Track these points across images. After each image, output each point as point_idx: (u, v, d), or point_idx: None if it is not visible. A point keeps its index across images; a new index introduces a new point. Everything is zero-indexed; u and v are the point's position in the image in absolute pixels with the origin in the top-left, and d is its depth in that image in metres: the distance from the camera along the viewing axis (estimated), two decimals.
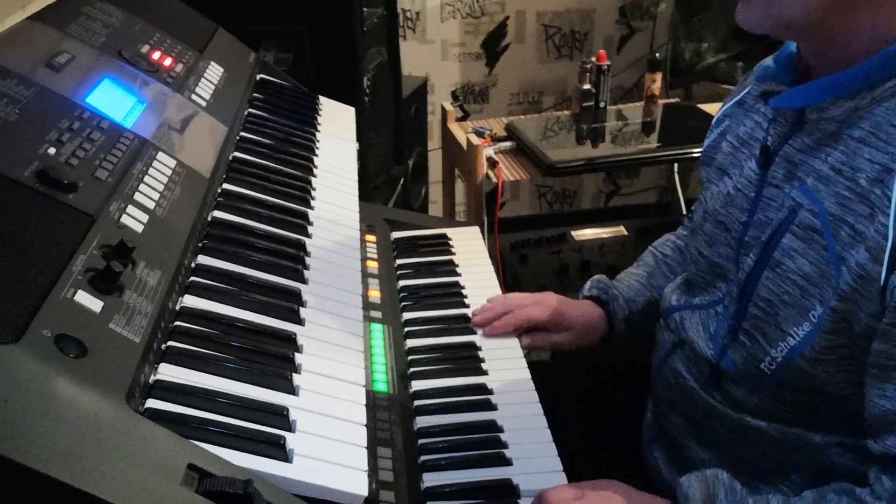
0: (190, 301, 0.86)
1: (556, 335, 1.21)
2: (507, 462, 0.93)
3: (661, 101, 2.40)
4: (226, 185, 1.08)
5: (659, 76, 2.37)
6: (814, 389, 0.90)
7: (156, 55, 1.19)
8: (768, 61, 0.98)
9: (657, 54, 2.48)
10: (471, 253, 1.35)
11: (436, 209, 2.80)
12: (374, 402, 0.96)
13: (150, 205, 0.89)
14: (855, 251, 0.81)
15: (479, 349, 1.12)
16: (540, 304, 1.21)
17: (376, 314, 1.13)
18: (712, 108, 2.34)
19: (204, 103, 1.18)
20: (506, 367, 1.10)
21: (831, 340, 0.85)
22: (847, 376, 0.86)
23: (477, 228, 1.45)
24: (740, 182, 1.00)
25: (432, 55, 2.93)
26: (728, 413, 0.99)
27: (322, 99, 1.49)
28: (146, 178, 0.92)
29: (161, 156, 0.98)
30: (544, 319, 1.20)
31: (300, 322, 0.92)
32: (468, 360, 1.10)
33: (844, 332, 0.84)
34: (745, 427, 0.97)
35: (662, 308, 1.14)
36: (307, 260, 1.03)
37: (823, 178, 0.87)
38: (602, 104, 2.28)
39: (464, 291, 1.24)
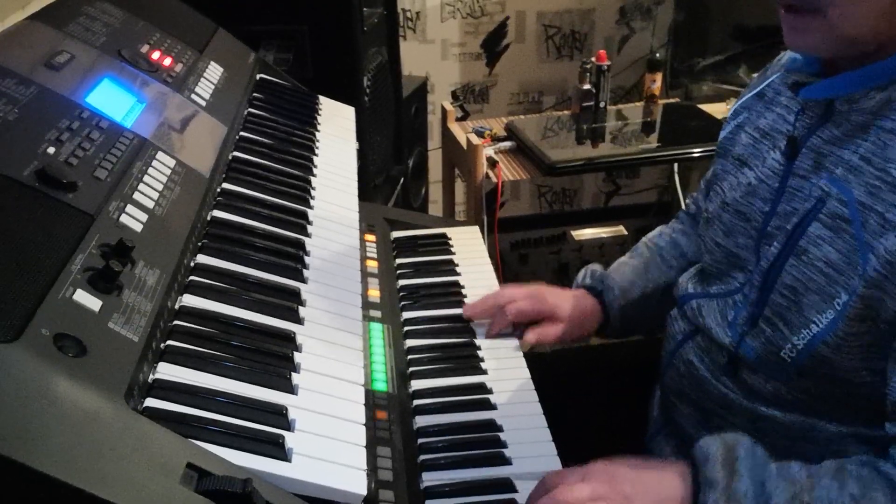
0: (189, 300, 0.86)
1: (551, 328, 1.19)
2: (506, 461, 0.93)
3: (661, 102, 2.40)
4: (225, 185, 1.08)
5: (659, 76, 2.37)
6: (834, 377, 0.90)
7: (155, 55, 1.19)
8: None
9: (657, 54, 2.48)
10: (470, 252, 1.35)
11: (436, 209, 2.80)
12: (373, 402, 0.96)
13: (150, 204, 0.89)
14: (884, 239, 0.82)
15: (479, 348, 1.12)
16: (531, 297, 1.19)
17: (376, 313, 1.13)
18: (712, 109, 2.34)
19: (204, 103, 1.18)
20: (505, 366, 1.10)
21: (855, 327, 0.86)
22: (869, 364, 0.87)
23: (477, 228, 1.45)
24: (763, 173, 1.00)
25: (432, 55, 2.93)
26: (742, 402, 0.99)
27: (322, 99, 1.49)
28: (146, 178, 0.92)
29: (160, 155, 0.98)
30: (535, 312, 1.19)
31: (299, 321, 0.92)
32: (467, 359, 1.10)
33: (869, 319, 0.85)
34: (759, 417, 0.97)
35: (678, 296, 1.14)
36: (307, 259, 1.03)
37: (853, 168, 0.87)
38: (602, 104, 2.28)
39: (463, 291, 1.24)
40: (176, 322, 0.81)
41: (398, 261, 1.31)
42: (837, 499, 0.79)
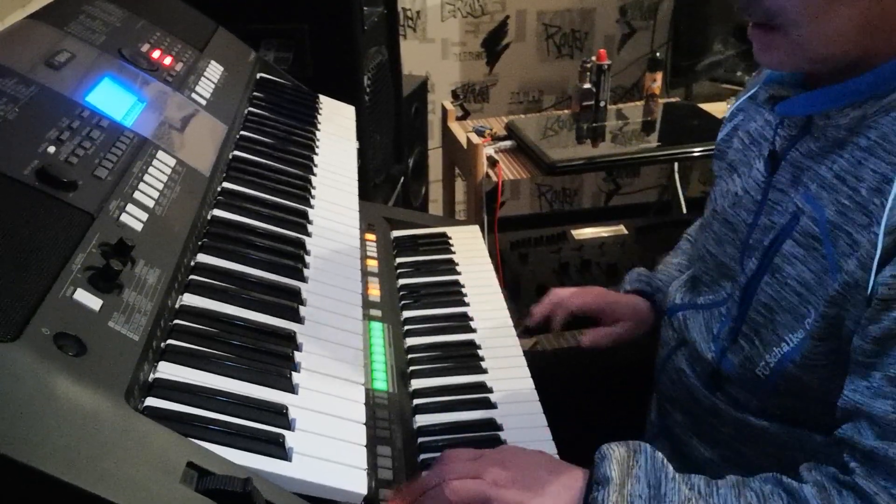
0: (189, 299, 0.86)
1: (607, 330, 1.23)
2: None
3: (662, 101, 2.40)
4: (226, 184, 1.08)
5: (659, 75, 2.37)
6: (808, 394, 0.90)
7: (156, 54, 1.19)
8: None
9: (657, 54, 2.48)
10: (470, 252, 1.35)
11: (436, 208, 2.80)
12: (373, 401, 0.96)
13: (150, 203, 0.89)
14: (851, 260, 0.81)
15: (479, 347, 1.12)
16: (586, 292, 1.25)
17: (376, 312, 1.13)
18: (712, 108, 2.34)
19: (204, 102, 1.18)
20: (505, 365, 1.10)
21: (820, 347, 0.85)
22: (836, 382, 0.86)
23: (477, 227, 1.45)
24: (748, 183, 0.99)
25: (433, 54, 2.93)
26: (731, 412, 0.99)
27: (322, 98, 1.49)
28: (146, 177, 0.92)
29: (161, 154, 0.98)
30: (598, 309, 1.24)
31: (300, 320, 0.92)
32: (468, 358, 1.10)
33: (833, 338, 0.84)
34: (748, 426, 0.97)
35: (667, 306, 1.14)
36: (307, 258, 1.03)
37: (827, 185, 0.86)
38: (602, 103, 2.29)
39: (463, 290, 1.24)
40: (176, 321, 0.81)
41: (398, 260, 1.31)
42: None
